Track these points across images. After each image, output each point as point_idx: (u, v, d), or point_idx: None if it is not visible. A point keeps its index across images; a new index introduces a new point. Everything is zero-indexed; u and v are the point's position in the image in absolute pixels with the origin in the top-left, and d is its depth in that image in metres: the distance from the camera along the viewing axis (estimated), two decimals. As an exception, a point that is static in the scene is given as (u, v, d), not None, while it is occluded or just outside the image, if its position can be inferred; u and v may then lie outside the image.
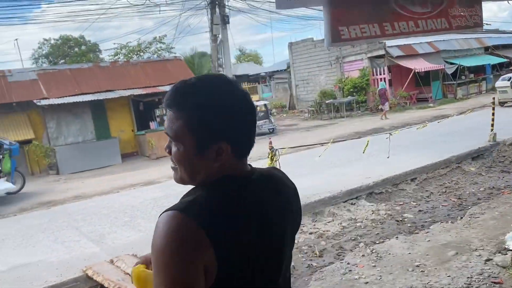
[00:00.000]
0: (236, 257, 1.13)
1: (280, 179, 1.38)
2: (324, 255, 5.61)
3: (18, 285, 4.99)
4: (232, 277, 1.13)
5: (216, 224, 1.10)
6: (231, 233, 1.12)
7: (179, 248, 1.06)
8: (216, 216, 1.11)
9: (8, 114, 14.05)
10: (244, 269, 1.16)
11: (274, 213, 1.25)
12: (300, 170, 9.63)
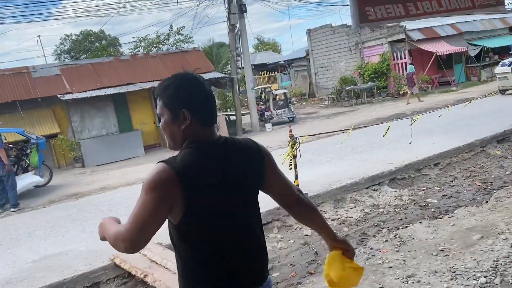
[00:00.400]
0: (200, 198, 1.59)
1: (246, 144, 1.82)
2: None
3: (50, 273, 5.17)
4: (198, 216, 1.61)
5: (185, 168, 1.59)
6: (196, 176, 1.59)
7: (155, 185, 1.58)
8: (186, 163, 1.60)
9: (33, 109, 14.41)
10: (207, 211, 1.61)
11: (235, 169, 1.69)
12: (320, 157, 9.63)
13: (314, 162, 9.17)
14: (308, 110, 22.22)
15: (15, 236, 7.05)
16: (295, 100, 26.46)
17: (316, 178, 7.81)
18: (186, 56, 17.71)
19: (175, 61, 17.11)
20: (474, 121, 10.98)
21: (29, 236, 6.94)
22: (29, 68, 15.21)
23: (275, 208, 6.50)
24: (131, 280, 5.21)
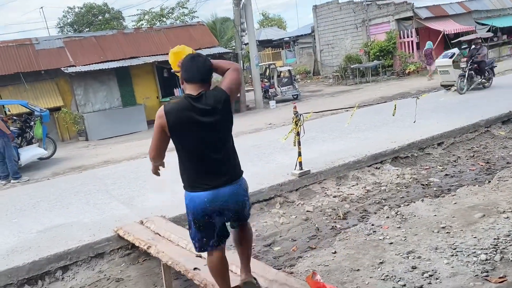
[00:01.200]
0: (175, 124, 2.73)
1: (214, 92, 2.84)
2: (348, 218, 5.68)
3: (54, 243, 5.25)
4: (178, 135, 2.78)
5: (169, 108, 2.76)
6: (176, 113, 2.74)
7: (156, 119, 2.78)
8: (170, 106, 2.77)
9: (37, 82, 14.37)
10: (183, 133, 2.76)
11: (206, 109, 2.75)
12: (324, 135, 9.62)
13: (318, 140, 9.16)
14: (313, 88, 22.07)
15: (20, 207, 7.13)
16: (300, 77, 26.26)
17: (319, 155, 7.82)
18: (190, 30, 17.52)
19: (179, 35, 16.95)
20: (479, 101, 10.90)
21: (34, 207, 7.02)
22: (32, 40, 15.10)
23: (278, 185, 6.55)
24: (135, 252, 5.29)
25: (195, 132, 2.75)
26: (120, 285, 4.72)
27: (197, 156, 2.81)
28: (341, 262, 3.73)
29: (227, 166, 2.86)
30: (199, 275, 3.71)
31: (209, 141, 2.80)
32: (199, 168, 2.82)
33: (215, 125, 2.79)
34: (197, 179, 2.81)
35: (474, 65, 13.03)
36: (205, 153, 2.80)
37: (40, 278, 4.87)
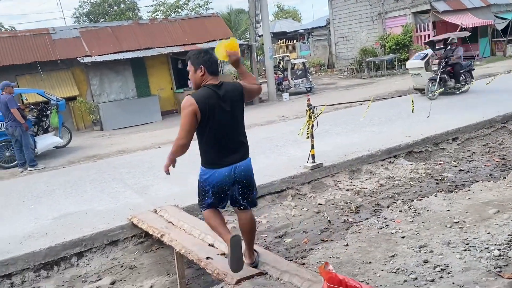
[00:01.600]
0: (207, 111, 3.15)
1: (233, 83, 3.39)
2: (360, 211, 5.68)
3: (70, 230, 5.35)
4: (206, 120, 3.17)
5: (199, 96, 3.15)
6: (205, 100, 3.15)
7: (186, 107, 3.14)
8: (200, 94, 3.17)
9: (53, 71, 14.55)
10: (211, 117, 3.18)
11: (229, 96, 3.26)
12: (337, 128, 9.58)
13: (331, 133, 9.13)
14: (327, 80, 21.95)
15: (36, 194, 7.27)
16: (314, 70, 26.11)
17: (332, 149, 7.80)
18: (205, 22, 17.52)
19: (194, 26, 16.96)
20: (497, 96, 10.72)
21: (50, 194, 7.15)
22: (49, 30, 15.26)
23: (290, 177, 6.57)
24: (148, 240, 5.37)
25: (218, 116, 3.22)
26: (134, 273, 4.80)
27: (219, 137, 3.28)
28: (352, 255, 3.74)
29: (241, 145, 3.41)
30: (212, 264, 3.76)
31: (229, 124, 3.31)
32: (220, 147, 3.31)
33: (233, 110, 3.30)
34: (218, 157, 3.31)
35: (447, 68, 11.80)
36: (225, 134, 3.30)
37: (56, 263, 4.98)
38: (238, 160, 3.35)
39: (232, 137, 3.34)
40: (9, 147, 9.59)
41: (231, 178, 3.33)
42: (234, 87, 3.35)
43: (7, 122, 8.87)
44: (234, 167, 3.33)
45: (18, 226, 5.74)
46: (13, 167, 9.54)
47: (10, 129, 8.87)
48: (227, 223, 3.87)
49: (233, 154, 3.34)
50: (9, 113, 8.78)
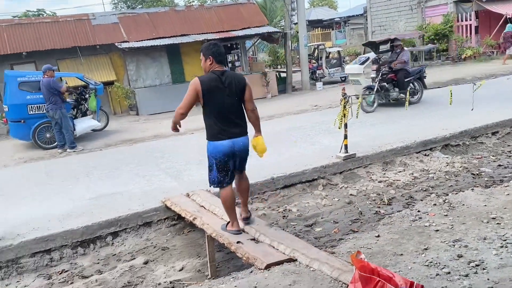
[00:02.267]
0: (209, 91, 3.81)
1: (236, 74, 4.11)
2: (392, 203, 5.60)
3: (106, 210, 5.54)
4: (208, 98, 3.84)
5: (204, 80, 3.83)
6: (209, 83, 3.83)
7: (191, 85, 3.83)
8: (204, 77, 3.87)
9: (92, 56, 14.92)
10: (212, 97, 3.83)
11: (229, 82, 3.86)
12: (372, 119, 9.43)
13: (365, 123, 8.99)
14: (362, 70, 21.54)
15: (74, 174, 7.53)
16: (349, 59, 25.67)
17: (365, 139, 7.70)
18: (240, 9, 17.46)
19: (229, 13, 16.95)
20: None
21: (87, 175, 7.40)
22: (89, 16, 15.60)
23: (321, 166, 6.54)
24: (180, 223, 5.49)
25: (218, 96, 3.85)
26: (166, 254, 4.93)
27: (219, 114, 3.90)
28: (384, 246, 3.70)
29: (240, 123, 3.99)
30: (242, 248, 3.82)
31: (229, 104, 3.90)
32: (220, 123, 3.90)
33: (231, 95, 3.90)
34: (220, 132, 3.90)
35: (388, 75, 10.28)
36: (226, 113, 3.91)
37: (92, 242, 5.18)
38: (236, 135, 3.95)
39: (230, 116, 3.94)
40: (50, 129, 9.95)
41: (231, 151, 3.94)
42: (239, 79, 3.98)
43: (48, 105, 9.20)
44: (233, 141, 3.93)
45: (57, 205, 5.98)
46: (52, 148, 9.90)
47: (51, 112, 9.20)
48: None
49: (232, 129, 3.94)
50: (50, 96, 9.10)
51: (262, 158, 4.30)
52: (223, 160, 3.96)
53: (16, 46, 13.89)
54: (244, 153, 4.06)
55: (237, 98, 3.95)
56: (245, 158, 4.14)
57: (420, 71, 10.73)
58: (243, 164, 4.18)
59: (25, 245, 4.86)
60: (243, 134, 4.03)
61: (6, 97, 10.04)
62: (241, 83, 3.95)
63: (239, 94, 3.94)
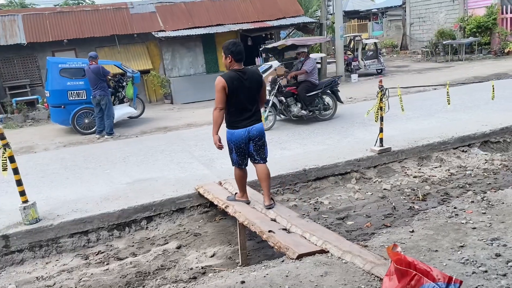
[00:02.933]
0: (232, 87, 4.28)
1: (254, 71, 4.66)
2: (427, 199, 5.49)
3: (141, 195, 5.68)
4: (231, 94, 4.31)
5: (228, 78, 4.27)
6: (232, 80, 4.28)
7: (218, 84, 4.27)
8: (227, 76, 4.30)
9: (130, 44, 15.22)
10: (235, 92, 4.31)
11: (249, 80, 4.39)
12: (408, 112, 9.21)
13: (401, 117, 8.81)
14: (399, 63, 21.07)
15: (111, 159, 7.75)
16: (386, 51, 25.14)
17: (401, 133, 7.56)
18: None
19: (265, 3, 16.87)
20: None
21: (124, 161, 7.59)
22: (127, 4, 15.89)
23: (355, 160, 6.47)
24: (212, 210, 5.58)
25: (239, 92, 4.35)
26: (198, 239, 5.02)
27: (239, 107, 4.43)
28: (418, 241, 3.64)
29: (255, 113, 4.55)
30: (274, 237, 3.84)
31: (247, 99, 4.43)
32: (239, 115, 4.45)
33: (250, 89, 4.43)
34: (238, 121, 4.47)
35: (287, 88, 9.03)
36: (243, 105, 4.43)
37: (127, 225, 5.33)
38: (252, 124, 4.50)
39: (248, 107, 4.46)
40: (88, 115, 10.26)
41: (246, 137, 4.50)
42: (256, 77, 4.54)
43: (95, 91, 9.48)
44: (248, 129, 4.48)
45: (95, 188, 6.18)
46: (91, 134, 10.21)
47: (98, 97, 9.48)
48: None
49: (248, 120, 4.48)
50: (98, 82, 9.42)
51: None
52: (240, 145, 4.53)
53: (58, 34, 14.34)
54: (258, 137, 4.56)
55: (254, 93, 4.49)
56: (261, 143, 4.61)
57: (331, 83, 9.25)
58: (260, 150, 4.62)
59: (64, 225, 5.06)
60: (257, 122, 4.56)
61: (47, 83, 10.41)
62: (259, 81, 4.53)
63: (257, 90, 4.50)
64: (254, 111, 4.51)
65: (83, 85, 10.13)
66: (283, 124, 9.39)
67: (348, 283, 3.04)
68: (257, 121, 4.55)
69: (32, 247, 4.91)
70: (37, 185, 6.51)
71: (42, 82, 14.17)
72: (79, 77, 10.18)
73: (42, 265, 4.76)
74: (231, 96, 4.31)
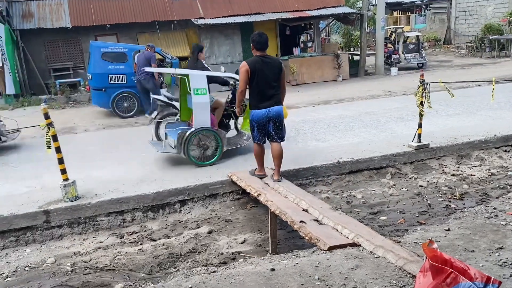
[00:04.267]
0: (254, 71, 4.95)
1: (275, 59, 5.40)
2: (465, 199, 5.34)
3: (175, 178, 5.78)
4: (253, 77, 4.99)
5: (250, 62, 5.01)
6: (254, 64, 4.97)
7: (242, 67, 5.02)
8: (250, 60, 5.05)
9: (169, 31, 15.42)
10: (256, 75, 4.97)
11: (270, 65, 5.04)
12: (449, 109, 8.94)
13: (441, 113, 8.56)
14: (441, 57, 20.40)
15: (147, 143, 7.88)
16: (428, 45, 24.40)
17: (441, 130, 7.35)
18: (317, -12, 17.10)
19: (305, -8, 16.66)
20: None
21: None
22: (169, -9, 16.05)
23: (391, 155, 6.35)
24: (244, 197, 5.62)
25: (260, 75, 4.98)
26: (229, 225, 5.08)
27: (260, 89, 5.06)
28: (454, 241, 3.55)
29: (274, 96, 5.12)
30: (305, 228, 3.84)
31: (266, 82, 5.04)
32: (261, 97, 5.08)
33: (270, 74, 5.04)
34: (259, 102, 5.10)
35: None
36: (263, 88, 5.05)
37: (161, 207, 5.46)
38: (271, 105, 5.10)
39: (268, 90, 5.07)
40: (127, 99, 10.51)
41: (266, 117, 5.11)
42: (276, 63, 5.17)
43: (141, 74, 9.77)
44: (268, 110, 5.09)
45: (132, 170, 6.35)
46: (129, 117, 10.45)
47: (143, 81, 9.79)
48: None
49: (268, 101, 5.09)
50: (145, 67, 9.71)
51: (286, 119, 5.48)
52: (261, 124, 5.15)
53: (101, 18, 14.69)
54: (277, 118, 5.15)
55: (274, 77, 5.07)
56: (279, 123, 5.20)
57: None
58: (278, 130, 5.21)
59: (102, 204, 5.23)
60: (277, 104, 5.14)
61: (90, 66, 10.71)
62: (278, 66, 5.13)
63: (277, 75, 5.09)
64: (274, 95, 5.11)
65: (124, 70, 10.38)
66: (318, 115, 9.32)
67: (379, 278, 3.01)
68: (276, 104, 5.13)
69: (71, 224, 5.11)
70: (77, 164, 6.72)
71: (85, 65, 14.59)
72: (120, 61, 10.43)
73: (80, 241, 4.94)
74: (253, 78, 4.98)
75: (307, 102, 11.40)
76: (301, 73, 15.04)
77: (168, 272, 4.16)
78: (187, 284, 3.16)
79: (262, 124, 5.14)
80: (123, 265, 4.34)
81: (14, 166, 6.93)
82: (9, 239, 4.90)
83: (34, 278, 4.18)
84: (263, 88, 5.03)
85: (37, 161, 7.12)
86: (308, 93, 13.04)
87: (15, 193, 5.67)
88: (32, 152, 7.78)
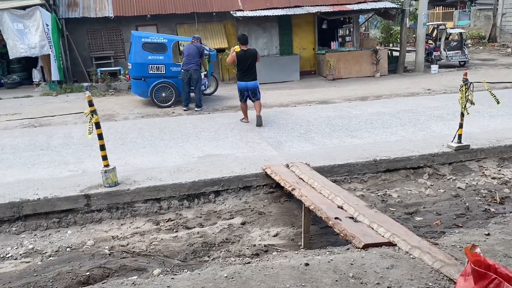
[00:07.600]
0: (240, 58, 8.13)
1: (252, 50, 8.35)
2: (505, 203, 5.19)
3: (211, 169, 5.88)
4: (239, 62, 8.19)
5: (237, 53, 8.15)
6: (239, 54, 8.12)
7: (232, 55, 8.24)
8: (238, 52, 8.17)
9: (208, 22, 15.53)
10: (240, 61, 8.16)
11: (248, 55, 8.18)
12: (492, 110, 8.66)
13: (483, 114, 8.30)
14: (485, 56, 19.68)
15: (185, 133, 8.06)
16: (471, 43, 23.56)
17: (482, 131, 7.13)
18: (358, -18, 16.78)
19: (346, -14, 16.37)
20: None
21: (196, 135, 7.87)
22: (208, -17, 16.14)
23: (429, 154, 6.24)
24: (278, 191, 5.66)
25: (244, 61, 8.05)
26: (262, 218, 5.13)
27: (243, 69, 8.13)
28: (494, 246, 3.47)
29: (252, 74, 8.20)
30: (340, 225, 3.83)
31: (247, 65, 8.08)
32: (243, 74, 8.17)
33: (249, 59, 8.07)
34: (241, 78, 8.21)
35: None
36: (246, 68, 8.10)
37: (196, 197, 5.57)
38: (249, 80, 8.19)
39: (246, 70, 8.12)
40: (165, 89, 10.71)
41: (245, 87, 8.21)
42: (253, 53, 8.15)
43: (189, 65, 9.95)
44: (247, 83, 8.20)
45: (169, 159, 6.49)
46: (167, 107, 10.65)
47: (191, 71, 10.03)
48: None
49: (247, 77, 8.17)
50: (196, 58, 10.03)
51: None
52: (242, 91, 8.29)
53: (142, 9, 14.97)
54: (252, 88, 8.24)
55: (251, 62, 8.12)
56: (254, 91, 8.28)
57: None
58: (254, 95, 8.31)
59: (140, 191, 5.39)
60: (253, 80, 8.22)
61: (131, 56, 10.95)
62: (254, 55, 8.15)
63: (253, 60, 8.15)
64: (251, 73, 8.16)
65: (163, 60, 10.56)
66: (354, 111, 9.21)
67: (414, 279, 2.98)
68: (252, 79, 8.19)
69: (110, 208, 5.30)
70: (116, 151, 6.95)
71: (125, 54, 14.93)
72: (160, 52, 10.62)
73: (118, 226, 5.12)
74: (238, 62, 8.05)
75: (344, 97, 11.28)
76: (338, 68, 14.86)
77: (202, 261, 4.25)
78: (222, 273, 3.23)
79: (243, 91, 8.25)
80: (158, 251, 4.47)
81: (57, 151, 7.22)
82: (52, 220, 5.14)
83: (75, 258, 4.37)
84: (244, 69, 8.08)
85: (80, 145, 7.40)
86: (344, 88, 12.89)
87: (58, 176, 5.91)
88: (74, 137, 8.08)
